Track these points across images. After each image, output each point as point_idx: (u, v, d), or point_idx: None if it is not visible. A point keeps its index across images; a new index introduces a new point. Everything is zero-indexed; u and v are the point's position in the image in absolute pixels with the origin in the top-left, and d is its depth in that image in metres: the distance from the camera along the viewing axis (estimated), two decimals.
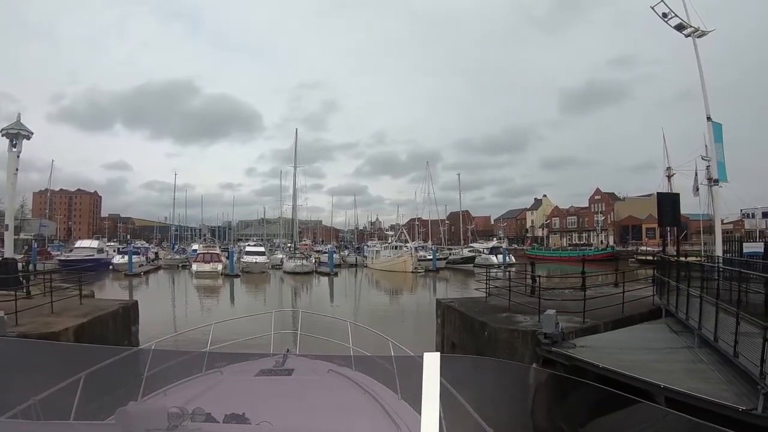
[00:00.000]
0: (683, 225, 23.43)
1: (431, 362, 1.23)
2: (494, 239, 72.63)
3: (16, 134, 15.17)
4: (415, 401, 2.17)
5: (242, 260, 45.24)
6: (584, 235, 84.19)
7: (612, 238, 77.35)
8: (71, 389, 3.13)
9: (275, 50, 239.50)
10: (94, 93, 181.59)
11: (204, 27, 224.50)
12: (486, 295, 13.23)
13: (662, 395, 5.77)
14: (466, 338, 10.93)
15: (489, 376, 4.83)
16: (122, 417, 2.09)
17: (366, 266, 54.42)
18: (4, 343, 6.87)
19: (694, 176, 25.68)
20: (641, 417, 5.15)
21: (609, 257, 48.11)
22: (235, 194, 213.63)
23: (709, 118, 13.64)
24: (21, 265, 19.27)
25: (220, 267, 41.12)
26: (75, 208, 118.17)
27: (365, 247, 66.42)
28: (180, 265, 49.40)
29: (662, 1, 13.57)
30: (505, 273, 23.37)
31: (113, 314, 11.63)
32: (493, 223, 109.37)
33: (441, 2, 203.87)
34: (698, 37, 13.69)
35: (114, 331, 11.35)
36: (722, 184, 14.90)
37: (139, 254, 48.06)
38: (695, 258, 17.13)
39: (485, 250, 56.21)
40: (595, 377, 6.58)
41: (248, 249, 51.40)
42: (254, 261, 44.48)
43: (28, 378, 3.50)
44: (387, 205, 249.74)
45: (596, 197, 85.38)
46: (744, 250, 15.53)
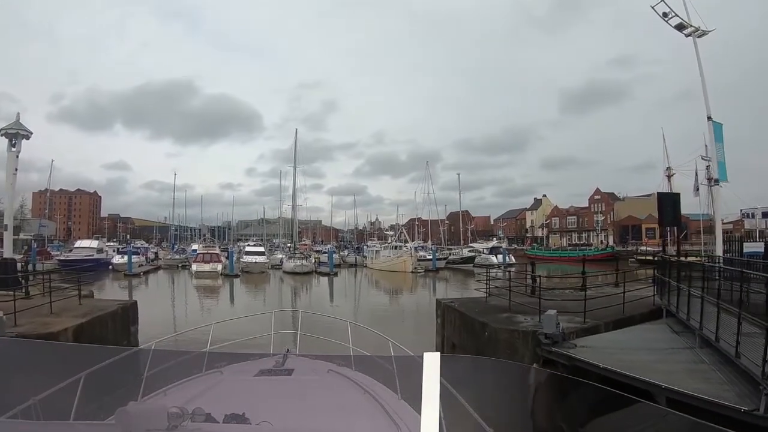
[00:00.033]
0: (683, 225, 23.40)
1: (431, 362, 1.23)
2: (494, 239, 72.51)
3: (15, 134, 15.18)
4: (415, 401, 2.17)
5: (242, 260, 45.25)
6: (584, 235, 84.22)
7: (612, 238, 77.38)
8: (71, 389, 3.12)
9: (275, 50, 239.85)
10: (94, 93, 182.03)
11: (204, 27, 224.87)
12: (486, 296, 13.22)
13: (663, 396, 5.75)
14: (467, 339, 10.91)
15: (489, 376, 4.83)
16: (122, 417, 2.09)
17: (366, 266, 54.39)
18: (4, 344, 6.85)
19: (695, 176, 25.70)
20: (641, 417, 5.14)
21: (609, 257, 47.93)
22: (235, 194, 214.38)
23: (710, 118, 13.62)
24: (20, 265, 19.26)
25: (220, 267, 41.10)
26: (75, 208, 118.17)
27: (365, 247, 66.28)
28: (180, 265, 49.40)
29: (663, 1, 13.58)
30: (505, 273, 23.39)
31: (112, 314, 11.63)
32: (493, 223, 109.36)
33: (441, 2, 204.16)
34: (698, 37, 13.69)
35: (113, 332, 11.34)
36: (722, 184, 14.90)
37: (139, 254, 48.04)
38: (695, 258, 17.12)
39: (485, 250, 56.20)
40: (596, 378, 6.56)
41: (248, 249, 51.40)
42: (254, 261, 44.48)
43: (28, 378, 3.50)
44: (387, 205, 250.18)
45: (596, 197, 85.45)
46: (744, 250, 15.54)
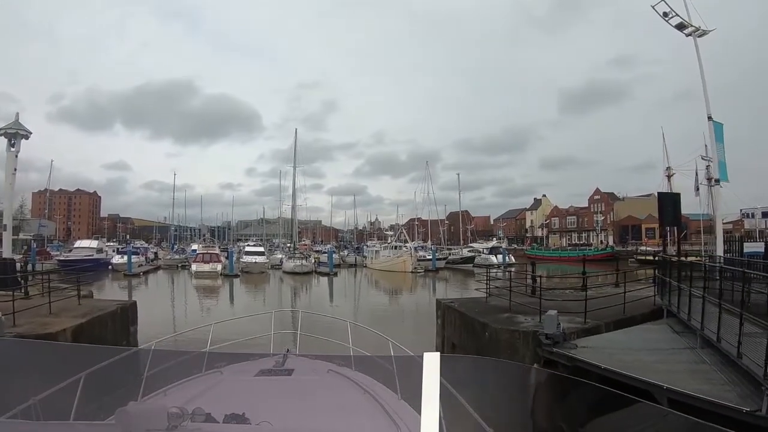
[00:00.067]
0: (683, 225, 23.40)
1: (431, 362, 1.23)
2: (494, 239, 72.48)
3: (15, 134, 15.19)
4: (415, 401, 2.17)
5: (242, 260, 45.22)
6: (584, 235, 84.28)
7: (611, 238, 77.43)
8: (71, 389, 3.12)
9: (275, 50, 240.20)
10: (94, 93, 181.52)
11: (204, 27, 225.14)
12: (486, 296, 13.20)
13: (665, 396, 5.74)
14: (467, 339, 10.88)
15: (489, 376, 4.83)
16: (122, 417, 2.09)
17: (365, 266, 54.35)
18: (5, 344, 6.84)
19: (695, 176, 25.67)
20: (641, 417, 5.13)
21: (609, 257, 47.99)
22: (235, 194, 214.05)
23: (710, 118, 13.60)
24: (19, 265, 19.25)
25: (220, 267, 41.07)
26: (74, 208, 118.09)
27: (365, 247, 66.18)
28: (179, 266, 49.33)
29: (663, 1, 13.57)
30: (505, 273, 23.37)
31: (111, 315, 11.61)
32: (493, 223, 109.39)
33: (441, 2, 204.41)
34: (699, 37, 13.67)
35: (112, 332, 11.32)
36: (722, 184, 14.89)
37: (139, 254, 48.01)
38: (695, 258, 17.12)
39: (485, 250, 56.21)
40: (598, 378, 6.54)
41: (248, 249, 51.40)
42: (254, 261, 44.43)
43: (28, 378, 3.50)
44: (386, 205, 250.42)
45: (596, 197, 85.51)
46: (744, 250, 15.53)
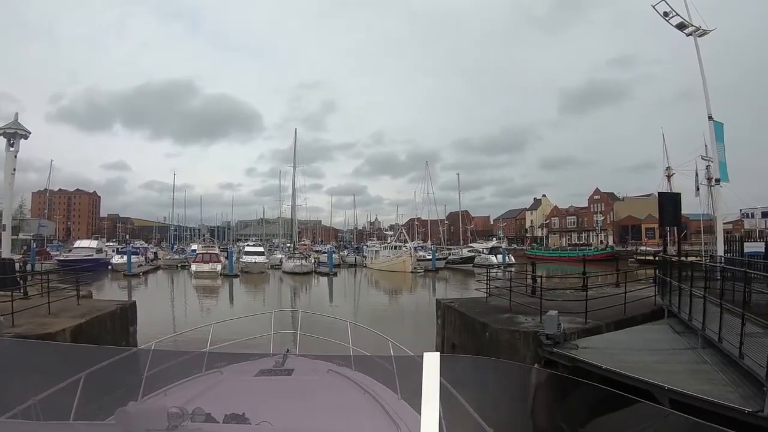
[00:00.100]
0: (683, 225, 23.39)
1: (431, 362, 1.24)
2: (494, 239, 72.49)
3: (14, 134, 15.17)
4: (415, 401, 2.17)
5: (241, 260, 45.20)
6: (583, 235, 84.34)
7: (611, 238, 77.47)
8: (71, 389, 3.12)
9: (275, 50, 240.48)
10: (94, 93, 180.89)
11: (204, 27, 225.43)
12: (486, 296, 13.18)
13: (666, 397, 5.72)
14: (467, 339, 10.86)
15: (489, 376, 4.82)
16: (122, 417, 2.09)
17: (365, 266, 54.33)
18: (4, 344, 6.83)
19: (695, 176, 25.66)
20: (641, 417, 5.12)
21: (608, 257, 48.02)
22: (235, 194, 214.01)
23: (711, 118, 13.57)
24: (18, 266, 19.23)
25: (219, 267, 41.04)
26: (74, 208, 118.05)
27: (364, 247, 66.19)
28: (179, 266, 49.27)
29: (663, 0, 13.54)
30: (505, 273, 23.35)
31: (111, 315, 11.57)
32: (493, 223, 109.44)
33: (441, 2, 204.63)
34: (699, 36, 13.63)
35: (111, 332, 11.28)
36: (723, 184, 14.86)
37: (138, 254, 47.99)
38: (695, 258, 17.10)
39: (485, 250, 56.26)
40: (599, 379, 6.52)
41: (247, 249, 51.40)
42: (253, 261, 44.38)
43: (28, 378, 3.49)
44: (386, 205, 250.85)
45: (595, 197, 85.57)
46: (745, 250, 15.50)
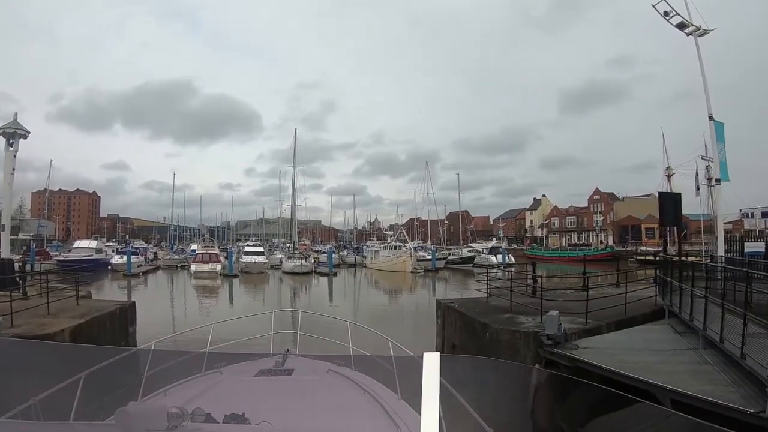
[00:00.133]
0: (683, 225, 23.38)
1: (431, 362, 1.24)
2: (493, 239, 72.48)
3: (13, 133, 15.14)
4: (415, 401, 2.17)
5: (241, 260, 45.20)
6: (583, 235, 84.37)
7: (611, 238, 77.50)
8: (71, 389, 3.12)
9: (275, 50, 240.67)
10: (94, 93, 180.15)
11: (203, 27, 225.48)
12: (487, 296, 13.16)
13: (668, 397, 5.69)
14: (467, 339, 10.83)
15: (489, 376, 4.82)
16: (122, 417, 2.09)
17: (365, 266, 54.33)
18: (4, 344, 6.81)
19: (695, 176, 25.68)
20: (641, 417, 5.11)
21: (608, 257, 48.05)
22: (234, 194, 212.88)
23: (711, 117, 13.55)
24: (17, 266, 19.21)
25: (219, 267, 41.02)
26: (74, 209, 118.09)
27: (364, 247, 66.25)
28: (179, 266, 49.31)
29: (664, 0, 13.52)
30: (505, 273, 23.33)
31: (110, 315, 11.55)
32: (493, 223, 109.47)
33: (441, 2, 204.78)
34: (700, 36, 13.62)
35: (111, 332, 11.25)
36: (723, 184, 14.84)
37: (138, 254, 47.97)
38: (696, 258, 17.10)
39: (484, 250, 56.28)
40: (600, 379, 6.49)
41: (247, 249, 51.38)
42: (253, 261, 44.35)
43: (28, 379, 3.48)
44: (386, 205, 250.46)
45: (595, 197, 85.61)
46: (745, 250, 15.50)
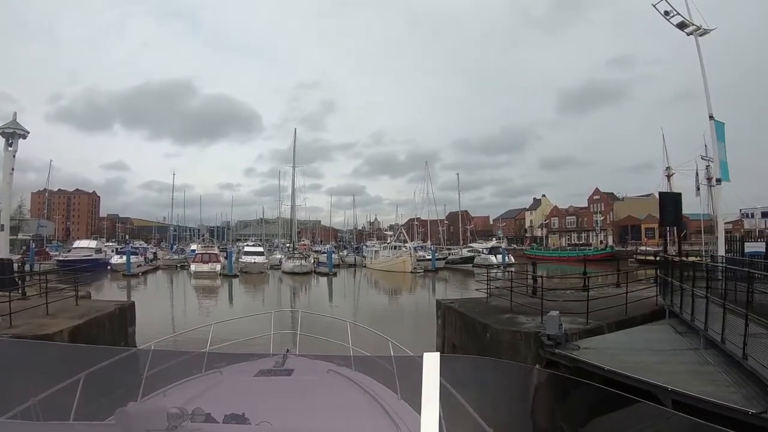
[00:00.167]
0: (683, 225, 23.38)
1: (431, 362, 1.24)
2: (493, 239, 72.44)
3: (12, 133, 15.09)
4: (415, 401, 2.18)
5: (241, 260, 45.22)
6: (583, 235, 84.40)
7: (611, 238, 77.51)
8: (71, 390, 3.12)
9: (275, 50, 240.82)
10: (93, 93, 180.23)
11: (203, 27, 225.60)
12: (487, 296, 13.14)
13: (669, 398, 5.67)
14: (468, 340, 10.80)
15: (489, 376, 4.83)
16: (122, 417, 2.09)
17: (365, 266, 54.32)
18: (5, 344, 6.80)
19: (695, 176, 25.66)
20: (641, 417, 5.11)
21: (608, 257, 48.09)
22: (234, 194, 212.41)
23: (712, 117, 13.54)
24: (17, 266, 19.19)
25: (219, 267, 41.01)
26: (73, 209, 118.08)
27: (364, 247, 66.30)
28: (178, 266, 49.34)
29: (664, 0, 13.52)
30: (505, 273, 23.31)
31: (109, 315, 11.51)
32: (492, 223, 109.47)
33: (441, 2, 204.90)
34: (700, 36, 13.61)
35: (110, 333, 11.21)
36: (723, 184, 14.81)
37: (138, 254, 47.96)
38: (696, 258, 17.08)
39: (484, 250, 56.29)
40: (601, 380, 6.46)
41: (247, 249, 51.42)
42: (253, 261, 44.32)
43: (28, 379, 3.50)
44: (386, 205, 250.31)
45: (595, 197, 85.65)
46: (746, 250, 15.48)
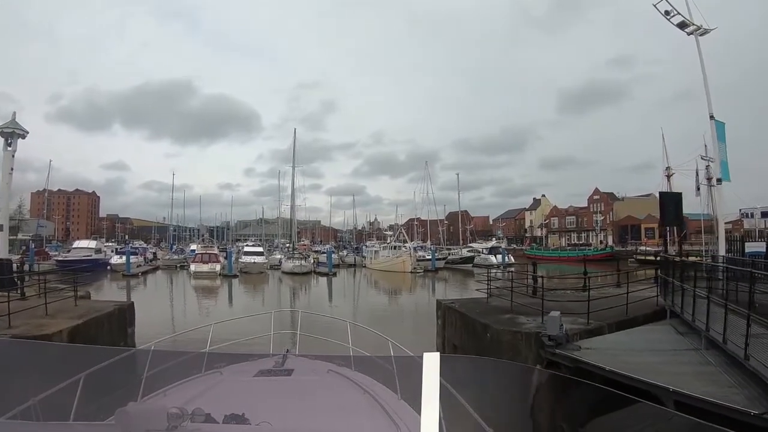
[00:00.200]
0: (683, 225, 23.36)
1: (431, 362, 1.25)
2: (493, 239, 72.51)
3: (11, 133, 15.04)
4: (415, 401, 2.19)
5: (240, 260, 45.26)
6: (583, 235, 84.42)
7: (611, 238, 77.54)
8: (71, 390, 3.13)
9: (275, 50, 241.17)
10: (93, 93, 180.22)
11: (203, 27, 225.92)
12: (487, 296, 13.12)
13: (671, 399, 5.64)
14: (468, 340, 10.77)
15: (489, 376, 4.84)
16: (122, 417, 2.09)
17: (365, 266, 54.33)
18: (4, 344, 6.79)
19: (696, 176, 25.62)
20: (641, 417, 5.09)
21: (608, 257, 48.13)
22: (234, 194, 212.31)
23: (712, 117, 13.52)
24: (16, 266, 19.15)
25: (219, 267, 41.02)
26: (73, 209, 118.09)
27: (364, 248, 66.32)
28: (178, 266, 49.39)
29: None
30: (505, 273, 23.30)
31: (108, 316, 11.48)
32: (492, 223, 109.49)
33: (441, 2, 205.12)
34: (701, 35, 13.60)
35: (109, 333, 11.17)
36: (724, 184, 14.81)
37: (137, 254, 47.94)
38: (696, 258, 17.07)
39: (484, 250, 56.36)
40: (602, 380, 6.42)
41: (246, 249, 51.47)
42: (252, 261, 44.33)
43: (28, 379, 3.50)
44: (386, 205, 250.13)
45: (595, 197, 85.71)
46: (746, 250, 15.45)
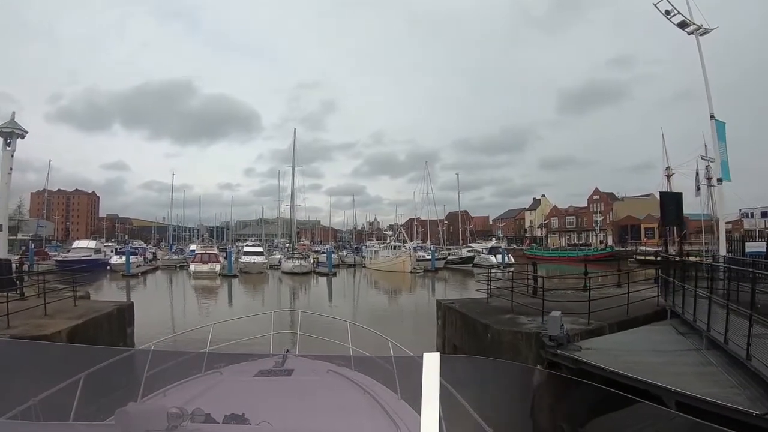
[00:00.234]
0: (684, 224, 23.36)
1: (431, 362, 1.25)
2: (493, 239, 72.58)
3: (10, 133, 15.00)
4: (415, 401, 2.20)
5: (240, 260, 45.28)
6: (583, 235, 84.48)
7: (611, 238, 77.58)
8: (71, 390, 3.13)
9: (275, 50, 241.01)
10: (93, 93, 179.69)
11: (203, 27, 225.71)
12: (487, 296, 13.10)
13: (673, 399, 5.63)
14: (468, 340, 10.76)
15: (489, 377, 4.86)
16: (122, 417, 2.08)
17: (364, 266, 54.32)
18: (5, 345, 6.78)
19: (696, 176, 25.63)
20: (641, 417, 5.09)
21: (608, 257, 48.21)
22: (234, 194, 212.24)
23: (713, 117, 13.52)
24: (15, 266, 19.11)
25: (218, 267, 41.03)
26: (73, 209, 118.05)
27: (364, 248, 66.32)
28: (178, 266, 49.41)
29: None
30: (505, 273, 23.29)
31: (108, 316, 11.46)
32: (492, 223, 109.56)
33: (441, 2, 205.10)
34: (701, 35, 13.60)
35: (108, 333, 11.15)
36: (724, 184, 14.80)
37: (137, 254, 47.97)
38: (696, 258, 17.06)
39: (484, 250, 56.41)
40: (603, 381, 6.40)
41: (246, 249, 51.51)
42: (252, 261, 44.33)
43: (28, 379, 3.49)
44: (385, 205, 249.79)
45: (595, 197, 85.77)
46: (746, 250, 15.43)
